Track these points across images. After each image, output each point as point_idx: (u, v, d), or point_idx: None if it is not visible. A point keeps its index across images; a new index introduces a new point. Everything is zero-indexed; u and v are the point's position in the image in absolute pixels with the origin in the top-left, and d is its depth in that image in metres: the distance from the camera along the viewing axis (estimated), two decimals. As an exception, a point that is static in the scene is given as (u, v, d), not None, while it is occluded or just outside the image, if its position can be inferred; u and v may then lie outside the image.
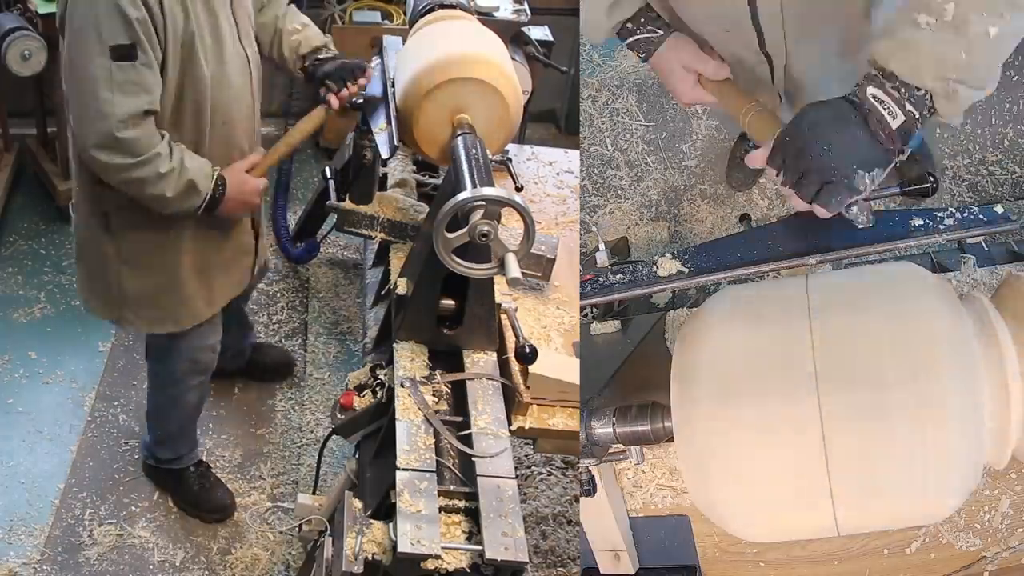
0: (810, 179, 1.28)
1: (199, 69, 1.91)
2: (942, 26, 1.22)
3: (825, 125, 1.29)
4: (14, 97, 3.38)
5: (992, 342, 1.22)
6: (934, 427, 1.14)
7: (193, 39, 1.88)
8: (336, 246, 3.52)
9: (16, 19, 2.83)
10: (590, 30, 1.68)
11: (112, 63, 1.77)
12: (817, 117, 1.30)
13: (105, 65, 1.77)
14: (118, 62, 1.77)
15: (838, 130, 1.27)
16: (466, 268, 1.68)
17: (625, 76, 3.42)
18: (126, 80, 1.79)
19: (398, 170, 2.37)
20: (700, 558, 1.79)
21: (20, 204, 3.50)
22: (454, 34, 1.98)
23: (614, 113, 3.35)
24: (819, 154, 1.27)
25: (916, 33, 1.24)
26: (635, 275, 1.52)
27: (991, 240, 1.74)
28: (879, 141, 1.27)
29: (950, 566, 1.71)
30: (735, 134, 3.21)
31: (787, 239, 1.50)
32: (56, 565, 2.42)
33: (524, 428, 1.81)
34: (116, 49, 1.77)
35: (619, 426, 1.41)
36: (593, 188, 3.21)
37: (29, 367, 2.93)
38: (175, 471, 2.57)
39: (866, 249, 1.37)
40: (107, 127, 1.79)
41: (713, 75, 1.63)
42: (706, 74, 1.63)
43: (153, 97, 1.82)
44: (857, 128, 1.27)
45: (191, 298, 2.17)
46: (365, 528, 1.52)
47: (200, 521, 2.57)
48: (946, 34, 1.22)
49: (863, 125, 1.27)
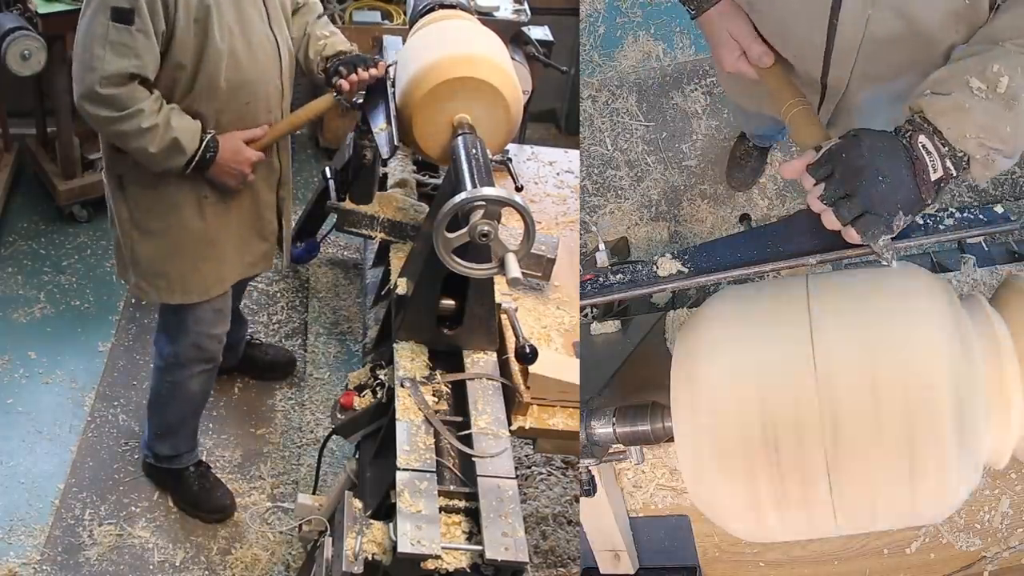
0: (854, 203, 1.25)
1: (213, 45, 1.95)
2: (995, 97, 1.23)
3: (883, 155, 1.26)
4: (14, 97, 3.38)
5: (992, 342, 1.22)
6: (933, 428, 1.14)
7: (208, 15, 1.92)
8: (336, 246, 3.53)
9: (16, 19, 2.83)
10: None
11: (110, 23, 1.85)
12: (875, 144, 1.27)
13: (104, 23, 1.86)
14: (115, 23, 1.85)
15: (893, 165, 1.26)
16: (466, 268, 1.68)
17: (625, 76, 3.42)
18: (120, 41, 1.86)
19: (398, 170, 2.37)
20: (700, 558, 1.79)
21: (20, 204, 3.50)
22: (454, 34, 1.98)
23: (614, 113, 3.35)
24: (873, 181, 1.24)
25: (969, 99, 1.24)
26: (635, 275, 1.52)
27: (991, 240, 1.74)
28: (919, 188, 1.27)
29: (950, 566, 1.72)
30: (735, 134, 3.21)
31: (787, 239, 1.50)
32: (56, 565, 2.42)
33: (524, 428, 1.81)
34: (116, 11, 1.85)
35: (619, 426, 1.41)
36: (593, 188, 3.21)
37: (29, 367, 2.93)
38: (174, 471, 2.57)
39: (866, 249, 1.36)
40: (92, 80, 1.88)
41: (756, 60, 1.60)
42: (750, 56, 1.60)
43: (142, 63, 1.89)
44: (906, 169, 1.26)
45: (200, 271, 2.19)
46: (365, 528, 1.52)
47: (200, 521, 2.57)
48: (997, 106, 1.23)
49: (911, 168, 1.26)
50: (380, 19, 3.71)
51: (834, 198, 1.26)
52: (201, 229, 2.14)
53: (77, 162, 3.34)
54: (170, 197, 2.09)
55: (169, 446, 2.55)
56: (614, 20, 3.54)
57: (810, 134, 1.45)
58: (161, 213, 2.11)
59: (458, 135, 1.79)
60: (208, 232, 2.15)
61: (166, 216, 2.11)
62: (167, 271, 2.18)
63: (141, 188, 2.10)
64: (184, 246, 2.14)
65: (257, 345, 2.97)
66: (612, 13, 3.55)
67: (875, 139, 1.28)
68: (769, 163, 3.17)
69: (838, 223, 1.27)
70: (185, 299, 2.22)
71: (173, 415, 2.49)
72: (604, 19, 3.55)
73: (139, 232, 2.14)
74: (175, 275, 2.18)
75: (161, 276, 2.18)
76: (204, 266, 2.19)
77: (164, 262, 2.17)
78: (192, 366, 2.38)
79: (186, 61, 1.95)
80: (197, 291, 2.21)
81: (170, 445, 2.54)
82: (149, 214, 2.12)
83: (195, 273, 2.19)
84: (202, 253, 2.17)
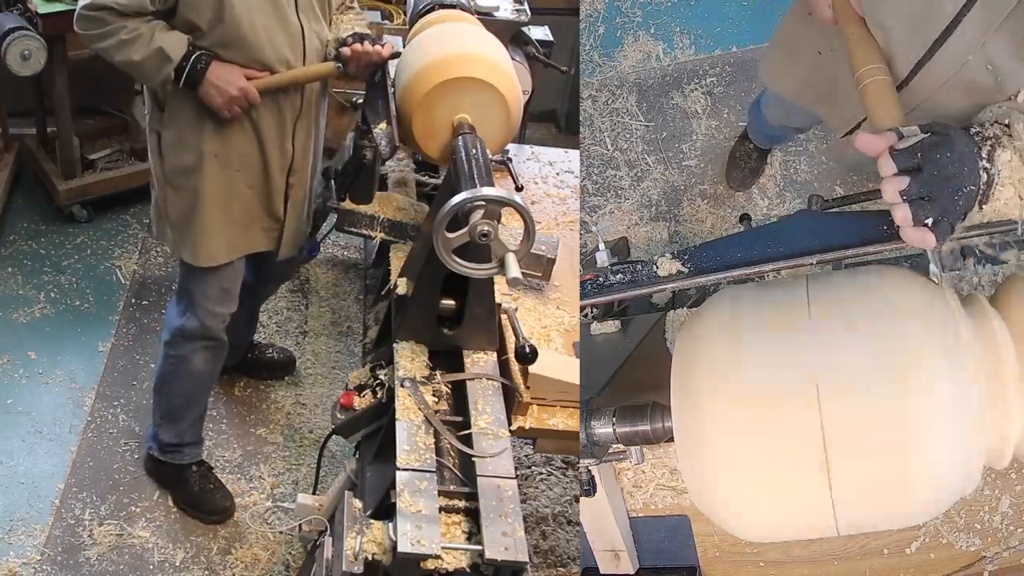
0: (934, 206, 1.17)
1: (229, 26, 2.00)
2: None
3: (969, 166, 1.20)
4: (14, 97, 3.38)
5: (991, 343, 1.22)
6: (933, 428, 1.14)
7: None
8: (336, 246, 3.53)
9: (16, 19, 2.83)
10: None
11: None
12: (965, 152, 1.20)
13: None
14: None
15: (974, 178, 1.20)
16: (466, 268, 1.68)
17: (625, 76, 3.42)
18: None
19: (398, 170, 2.37)
20: (700, 558, 1.80)
21: (20, 204, 3.50)
22: (454, 34, 1.98)
23: (614, 113, 3.35)
24: (959, 191, 1.18)
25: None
26: (635, 275, 1.52)
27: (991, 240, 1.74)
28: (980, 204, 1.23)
29: (950, 566, 1.72)
30: (735, 134, 3.21)
31: (787, 239, 1.50)
32: (56, 565, 2.43)
33: (524, 428, 1.81)
34: None
35: (619, 426, 1.41)
36: (593, 188, 3.21)
37: (29, 367, 2.93)
38: (176, 467, 2.57)
39: (866, 249, 1.36)
40: (81, 4, 1.98)
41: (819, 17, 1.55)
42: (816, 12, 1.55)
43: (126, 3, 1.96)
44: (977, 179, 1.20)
45: (211, 232, 2.23)
46: (365, 528, 1.52)
47: (200, 522, 2.57)
48: None
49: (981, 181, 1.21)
50: (380, 19, 3.70)
51: (915, 196, 1.17)
52: (215, 192, 2.19)
53: (77, 162, 3.34)
54: (192, 151, 2.16)
55: (173, 432, 2.54)
56: (614, 20, 3.54)
57: (888, 113, 1.34)
58: (184, 169, 2.18)
59: (458, 135, 1.79)
60: (220, 195, 2.20)
61: (187, 173, 2.18)
62: (185, 227, 2.25)
63: (171, 145, 2.17)
64: (199, 205, 2.20)
65: (257, 345, 2.98)
66: (612, 13, 3.55)
67: (965, 144, 1.20)
68: (769, 163, 3.17)
69: (909, 219, 1.18)
70: (192, 257, 2.27)
71: (178, 395, 2.50)
72: (604, 19, 3.55)
73: (170, 188, 2.22)
74: (189, 232, 2.24)
75: (180, 231, 2.26)
76: (215, 230, 2.24)
77: (184, 219, 2.24)
78: (195, 340, 2.41)
79: (200, 23, 2.00)
80: (205, 253, 2.26)
81: (174, 432, 2.54)
82: (175, 170, 2.20)
83: (206, 235, 2.24)
84: (215, 216, 2.22)
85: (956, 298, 1.25)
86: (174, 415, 2.53)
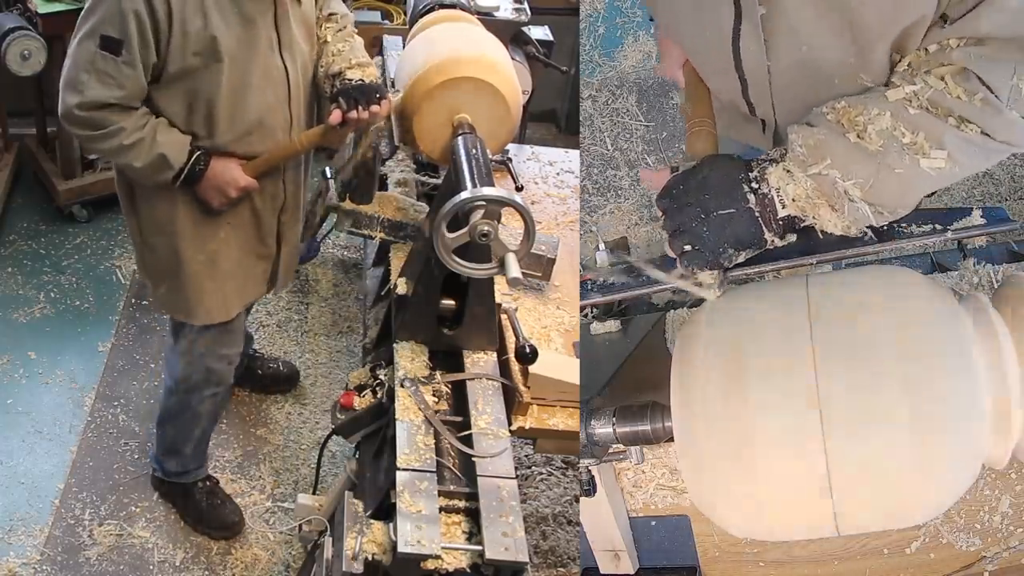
0: (682, 239, 1.28)
1: (215, 76, 1.90)
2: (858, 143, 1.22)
3: (714, 191, 1.26)
4: (14, 97, 3.38)
5: (992, 342, 1.22)
6: (933, 428, 1.14)
7: (214, 46, 1.86)
8: (336, 246, 3.53)
9: (16, 19, 2.83)
10: None
11: (98, 51, 1.83)
12: (710, 178, 1.27)
13: (91, 49, 1.83)
14: (103, 51, 1.83)
15: (726, 202, 1.26)
16: (466, 268, 1.68)
17: (625, 76, 3.43)
18: (104, 71, 1.84)
19: (398, 170, 2.37)
20: (700, 558, 1.79)
21: (20, 204, 3.51)
22: (454, 34, 1.98)
23: (614, 113, 3.36)
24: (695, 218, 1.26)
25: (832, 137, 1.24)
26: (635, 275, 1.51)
27: (991, 240, 1.74)
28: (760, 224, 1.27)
29: (950, 566, 1.71)
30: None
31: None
32: (56, 565, 2.43)
33: (524, 428, 1.81)
34: (106, 39, 1.82)
35: (619, 426, 1.41)
36: (593, 188, 3.21)
37: (29, 367, 2.93)
38: (182, 485, 2.55)
39: (866, 249, 1.36)
40: (72, 102, 1.86)
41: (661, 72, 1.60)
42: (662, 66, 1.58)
43: (125, 94, 1.86)
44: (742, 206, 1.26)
45: (203, 293, 2.15)
46: (365, 528, 1.52)
47: (208, 538, 2.54)
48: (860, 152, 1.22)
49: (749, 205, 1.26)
50: (380, 19, 3.70)
51: (670, 230, 1.29)
52: (194, 250, 2.09)
53: (77, 162, 3.34)
54: (162, 210, 2.06)
55: (177, 463, 2.52)
56: (614, 20, 3.54)
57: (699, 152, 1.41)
58: (156, 227, 2.09)
59: (458, 135, 1.79)
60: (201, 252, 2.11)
61: (160, 231, 2.09)
62: (169, 285, 2.15)
63: (143, 202, 2.08)
64: (179, 266, 2.11)
65: (259, 358, 2.94)
66: (612, 13, 3.55)
67: (712, 169, 1.28)
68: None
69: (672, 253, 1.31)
70: (187, 319, 2.20)
71: (181, 435, 2.46)
72: (604, 19, 3.55)
73: (145, 245, 2.13)
74: (177, 292, 2.15)
75: (165, 289, 2.17)
76: (206, 291, 2.15)
77: (165, 277, 2.15)
78: (203, 389, 2.35)
79: (182, 90, 1.91)
80: (200, 314, 2.19)
81: (178, 462, 2.52)
82: (148, 228, 2.10)
83: (198, 298, 2.15)
84: (202, 277, 2.13)
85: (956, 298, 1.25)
86: (178, 449, 2.50)
